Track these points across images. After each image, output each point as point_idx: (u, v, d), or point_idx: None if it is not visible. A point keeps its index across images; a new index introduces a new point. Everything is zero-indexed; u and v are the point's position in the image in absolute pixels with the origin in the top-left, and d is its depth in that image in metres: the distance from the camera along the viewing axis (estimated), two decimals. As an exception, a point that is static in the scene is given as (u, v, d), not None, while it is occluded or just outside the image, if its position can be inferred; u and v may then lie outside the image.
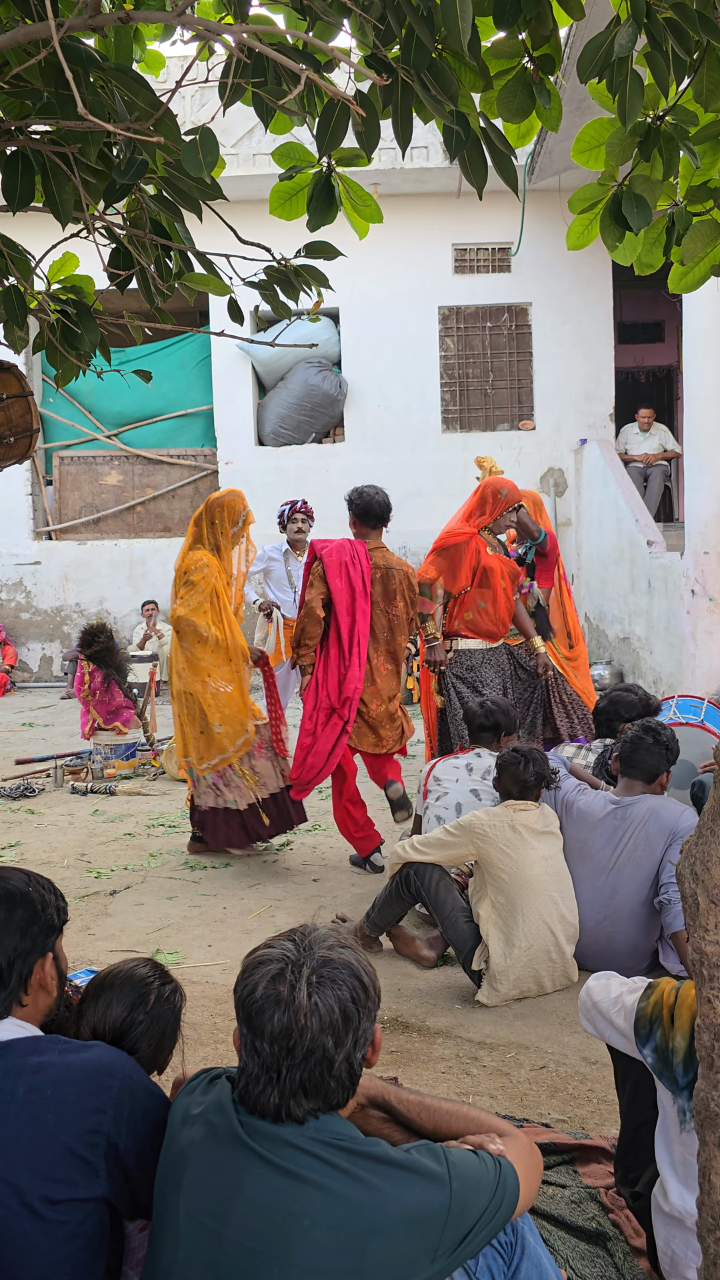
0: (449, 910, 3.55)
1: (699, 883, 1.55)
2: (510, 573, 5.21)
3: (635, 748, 3.66)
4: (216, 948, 4.01)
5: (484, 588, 5.11)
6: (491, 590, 5.11)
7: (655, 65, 1.98)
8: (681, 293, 2.67)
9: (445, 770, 4.37)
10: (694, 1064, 1.85)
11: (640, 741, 3.65)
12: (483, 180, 2.21)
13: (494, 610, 5.14)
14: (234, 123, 10.13)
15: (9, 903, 1.66)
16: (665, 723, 3.80)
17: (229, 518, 5.08)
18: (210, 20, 2.06)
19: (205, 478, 11.81)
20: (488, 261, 11.49)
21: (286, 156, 2.37)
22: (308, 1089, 1.44)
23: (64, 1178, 1.52)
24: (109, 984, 1.90)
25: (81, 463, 11.86)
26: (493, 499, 5.20)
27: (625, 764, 3.70)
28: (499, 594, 5.12)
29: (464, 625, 5.17)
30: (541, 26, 2.03)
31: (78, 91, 1.64)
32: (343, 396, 11.38)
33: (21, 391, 3.19)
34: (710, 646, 7.47)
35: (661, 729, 3.66)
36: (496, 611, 5.14)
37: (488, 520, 5.19)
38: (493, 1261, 1.58)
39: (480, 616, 5.14)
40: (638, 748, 3.66)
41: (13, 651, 11.73)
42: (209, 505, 5.11)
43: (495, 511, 5.18)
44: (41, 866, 5.05)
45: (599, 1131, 2.67)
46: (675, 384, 13.31)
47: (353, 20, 1.99)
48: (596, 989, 2.12)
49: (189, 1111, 1.53)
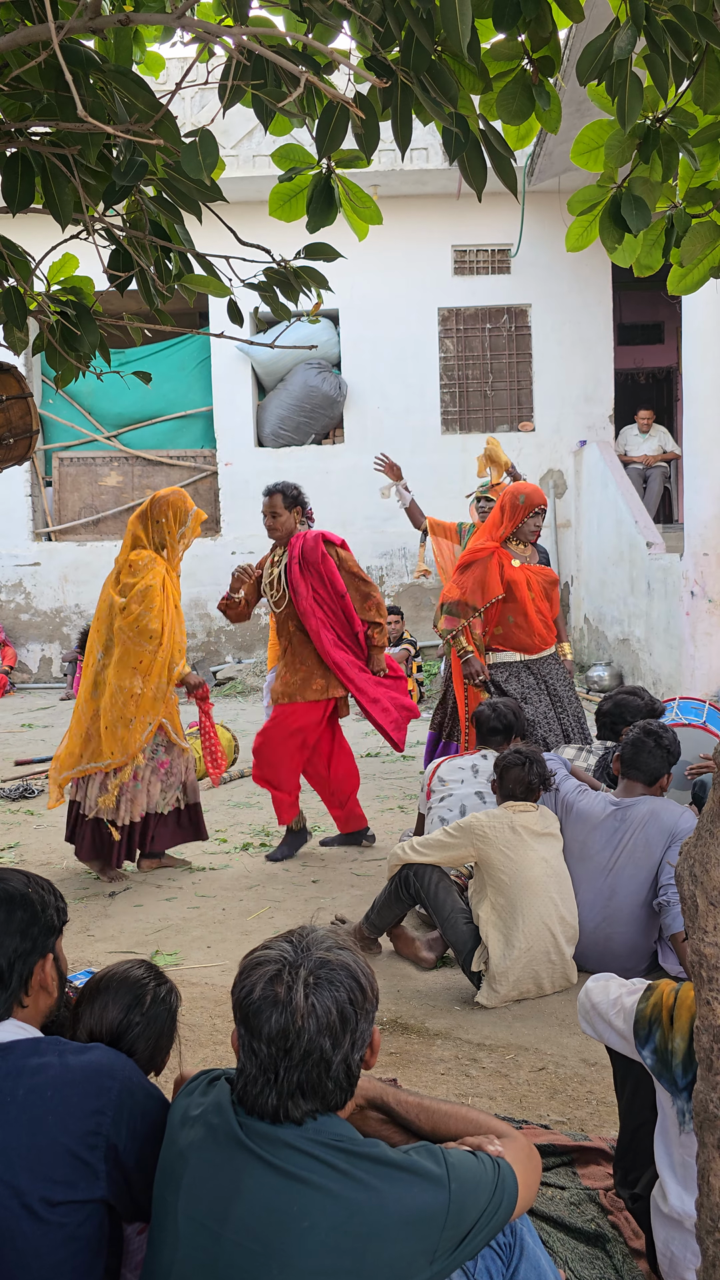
0: (448, 912, 3.55)
1: (698, 884, 1.56)
2: (544, 582, 5.15)
3: (637, 750, 3.66)
4: (215, 949, 4.01)
5: (509, 601, 5.06)
6: (518, 603, 5.05)
7: (654, 67, 1.98)
8: (681, 294, 2.68)
9: (450, 771, 4.36)
10: (693, 1066, 1.85)
11: (643, 744, 3.64)
12: (482, 182, 2.21)
13: (525, 623, 5.08)
14: (234, 124, 10.14)
15: (9, 904, 1.66)
16: (673, 731, 3.79)
17: (175, 517, 4.82)
18: (210, 22, 2.06)
19: (205, 479, 11.81)
20: (487, 263, 11.50)
21: (286, 158, 2.37)
22: (305, 1090, 1.44)
23: (64, 1179, 1.52)
24: (104, 987, 1.90)
25: (81, 464, 11.86)
26: (511, 507, 5.13)
27: (626, 766, 3.70)
28: (527, 606, 5.06)
29: (495, 640, 5.14)
30: (541, 29, 2.04)
31: (77, 93, 1.64)
32: (342, 398, 11.39)
33: (21, 393, 3.19)
34: (709, 648, 7.48)
35: (664, 731, 3.66)
36: (529, 624, 5.08)
37: (510, 529, 5.12)
38: (491, 1263, 1.58)
39: (511, 631, 5.10)
40: (640, 750, 3.65)
41: (12, 653, 11.74)
42: (153, 503, 4.84)
43: (517, 519, 5.10)
44: (41, 868, 5.05)
45: (598, 1133, 2.67)
46: (675, 385, 13.33)
47: (352, 22, 1.99)
48: (596, 991, 2.12)
49: (188, 1113, 1.53)
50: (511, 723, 4.37)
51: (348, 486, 11.26)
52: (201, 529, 12.12)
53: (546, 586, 5.16)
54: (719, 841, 1.55)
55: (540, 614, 5.12)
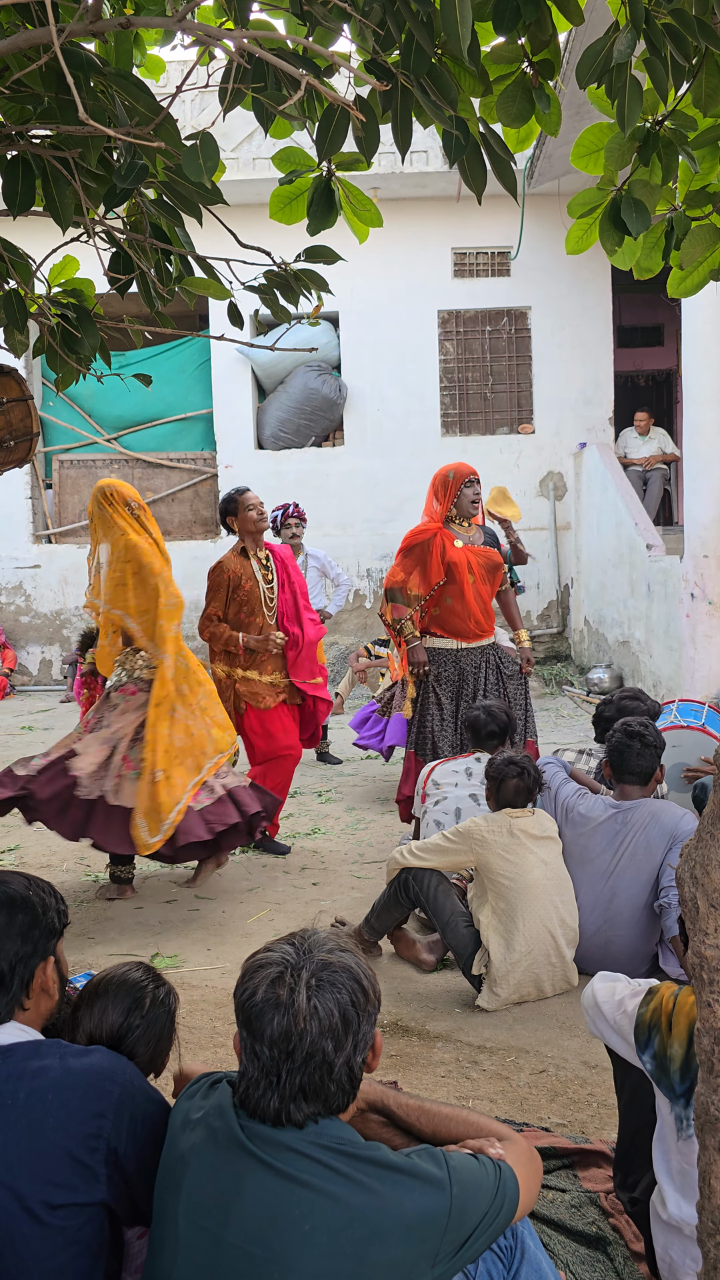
0: (448, 915, 3.55)
1: (699, 886, 1.55)
2: (485, 564, 4.93)
3: (624, 755, 3.65)
4: (216, 951, 4.01)
5: (449, 583, 4.86)
6: (458, 584, 4.85)
7: (654, 71, 1.99)
8: (680, 297, 2.68)
9: (444, 774, 4.36)
10: (690, 1071, 1.85)
11: (629, 749, 3.64)
12: (482, 185, 2.21)
13: (462, 607, 4.88)
14: (234, 127, 10.14)
15: (10, 907, 1.66)
16: (653, 723, 3.79)
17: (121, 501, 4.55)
18: (210, 25, 2.06)
19: (205, 481, 11.81)
20: (487, 265, 11.51)
21: (286, 161, 2.38)
22: (307, 1093, 1.44)
23: (64, 1182, 1.52)
24: (103, 990, 1.89)
25: (81, 466, 11.86)
26: (442, 484, 4.96)
27: (618, 771, 3.69)
28: (466, 588, 4.86)
29: (432, 622, 4.95)
30: (541, 32, 2.04)
31: (78, 96, 1.65)
32: (342, 400, 11.39)
33: (21, 395, 3.19)
34: (709, 650, 7.48)
35: (645, 730, 3.64)
36: (466, 608, 4.88)
37: (446, 506, 4.94)
38: (492, 1266, 1.58)
39: (447, 613, 4.91)
40: (627, 755, 3.65)
41: (12, 655, 11.72)
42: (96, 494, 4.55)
43: (451, 494, 4.93)
44: (41, 870, 5.05)
45: (599, 1136, 2.66)
46: (674, 388, 13.33)
47: (352, 25, 1.99)
48: (601, 990, 2.11)
49: (189, 1116, 1.53)
50: (505, 724, 4.37)
51: (347, 489, 11.25)
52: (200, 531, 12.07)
53: (489, 569, 4.94)
54: (719, 844, 1.55)
55: (479, 598, 4.91)
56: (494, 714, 4.36)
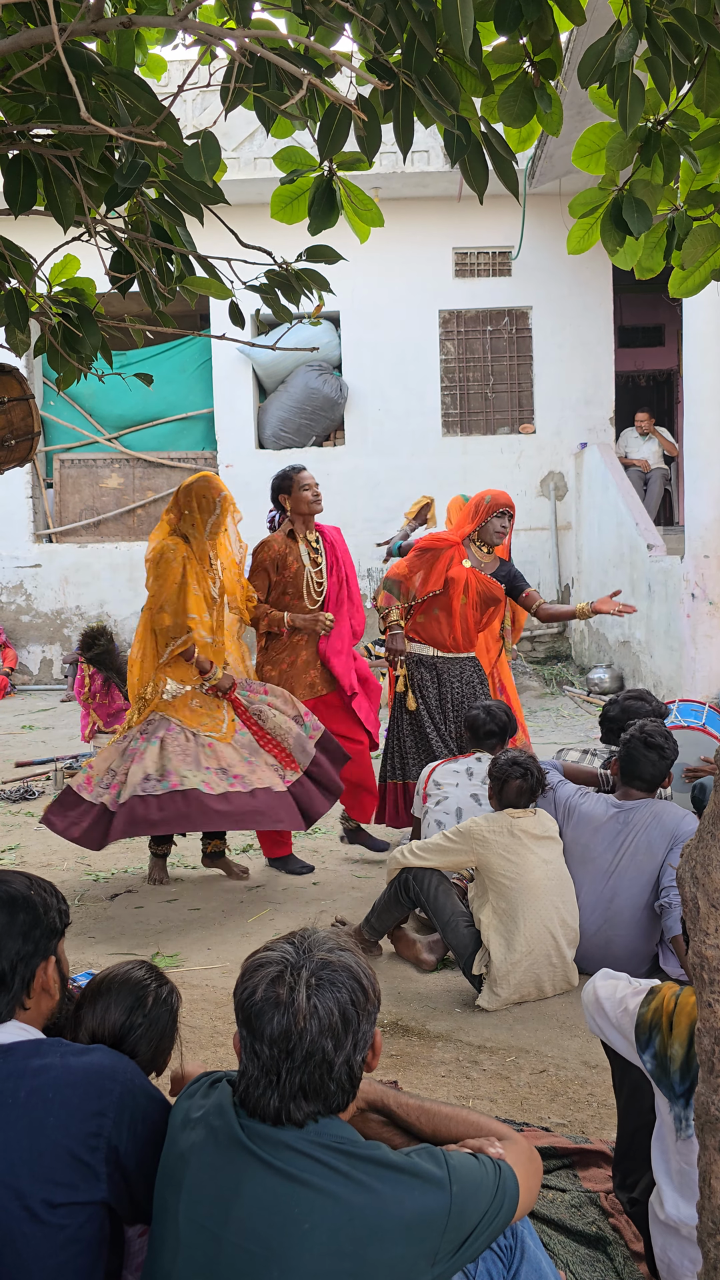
0: (448, 915, 3.55)
1: (699, 886, 1.55)
2: (483, 593, 4.93)
3: (636, 762, 3.64)
4: (216, 950, 4.01)
5: (441, 595, 4.89)
6: (448, 599, 4.88)
7: (656, 70, 1.99)
8: (682, 297, 2.68)
9: (445, 774, 4.36)
10: (690, 1072, 1.85)
11: (644, 758, 3.62)
12: (483, 184, 2.21)
13: (445, 620, 4.92)
14: (235, 127, 10.14)
15: (11, 907, 1.66)
16: (672, 735, 3.75)
17: (200, 506, 4.54)
18: (212, 25, 2.06)
19: (205, 481, 11.81)
20: (488, 265, 11.51)
21: (288, 160, 2.38)
22: (307, 1092, 1.44)
23: (65, 1181, 1.52)
24: (105, 988, 1.89)
25: (82, 466, 11.87)
26: (476, 505, 5.00)
27: (627, 775, 3.69)
28: (454, 606, 4.89)
29: (415, 628, 5.01)
30: (542, 31, 2.04)
31: (80, 96, 1.64)
32: (343, 400, 11.39)
33: (22, 395, 3.19)
34: (710, 650, 7.48)
35: (664, 741, 3.63)
36: (449, 625, 4.92)
37: (472, 528, 4.96)
38: (492, 1265, 1.58)
39: (431, 622, 4.95)
40: (639, 762, 3.64)
41: (13, 654, 11.73)
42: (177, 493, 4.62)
43: (480, 517, 4.96)
44: (42, 870, 5.05)
45: (599, 1135, 2.66)
46: (675, 388, 13.33)
47: (354, 25, 1.99)
48: (603, 989, 2.11)
49: (189, 1115, 1.53)
50: (506, 725, 4.36)
51: (348, 488, 11.25)
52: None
53: (485, 599, 4.94)
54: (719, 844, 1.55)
55: (464, 620, 4.92)
56: (493, 714, 4.36)
